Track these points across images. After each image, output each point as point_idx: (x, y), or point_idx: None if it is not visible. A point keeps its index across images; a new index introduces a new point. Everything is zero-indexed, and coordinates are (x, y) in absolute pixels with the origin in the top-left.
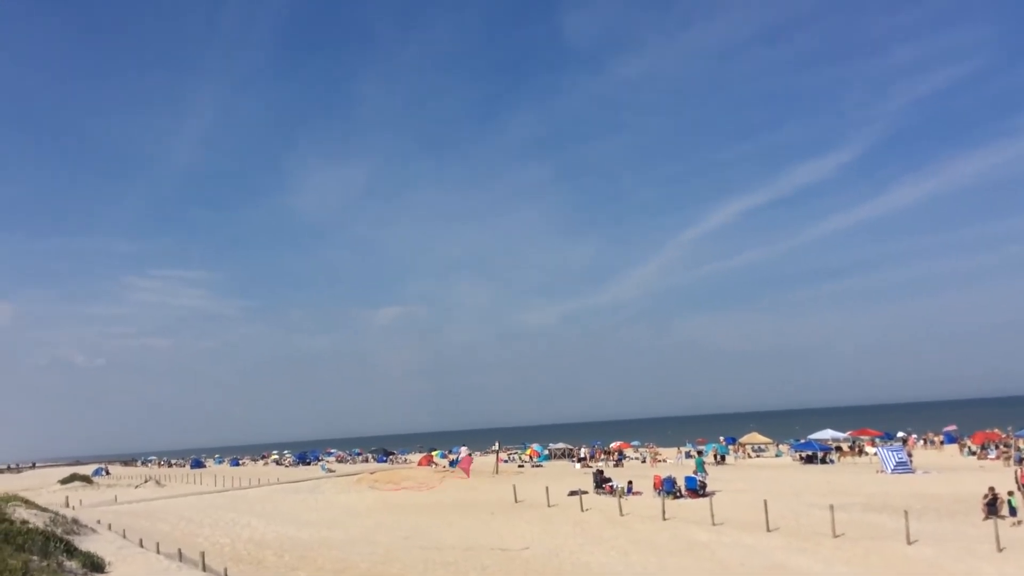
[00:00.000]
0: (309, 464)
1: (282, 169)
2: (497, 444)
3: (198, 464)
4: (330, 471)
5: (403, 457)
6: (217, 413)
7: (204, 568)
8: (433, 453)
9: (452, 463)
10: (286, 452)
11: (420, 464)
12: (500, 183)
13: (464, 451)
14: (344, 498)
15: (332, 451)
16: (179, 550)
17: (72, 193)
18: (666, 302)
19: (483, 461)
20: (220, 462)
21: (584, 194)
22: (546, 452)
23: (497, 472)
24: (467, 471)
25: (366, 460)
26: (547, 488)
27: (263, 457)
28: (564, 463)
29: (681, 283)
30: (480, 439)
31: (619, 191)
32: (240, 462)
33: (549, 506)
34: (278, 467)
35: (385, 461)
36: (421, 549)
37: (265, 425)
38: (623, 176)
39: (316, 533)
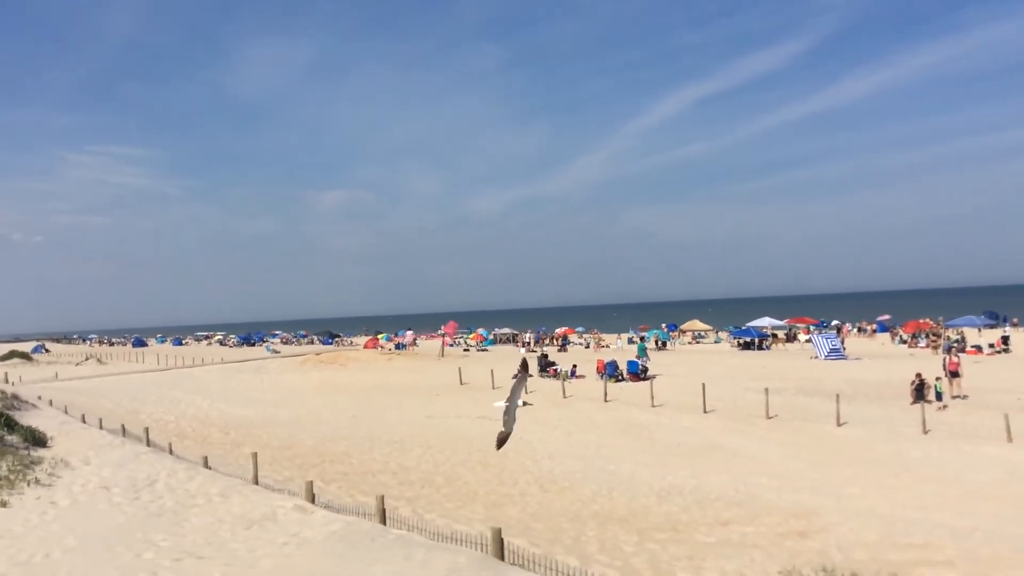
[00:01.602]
0: (254, 345)
1: (223, 45)
2: (443, 328)
3: (140, 343)
4: (275, 352)
5: (349, 340)
6: (159, 293)
7: (148, 444)
8: (379, 336)
9: (398, 346)
10: (230, 334)
11: (366, 347)
12: (451, 66)
13: (410, 334)
14: (290, 378)
15: (277, 333)
16: (122, 426)
17: (1, 63)
18: (615, 192)
19: (429, 344)
20: (163, 341)
21: (536, 80)
22: (491, 337)
23: (443, 355)
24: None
25: (311, 342)
26: (492, 371)
27: (207, 338)
28: (509, 348)
29: (630, 173)
30: (427, 323)
31: (571, 78)
32: (183, 342)
33: (494, 388)
34: (222, 348)
35: (331, 343)
36: (367, 428)
37: (208, 306)
38: (575, 63)
39: (262, 412)
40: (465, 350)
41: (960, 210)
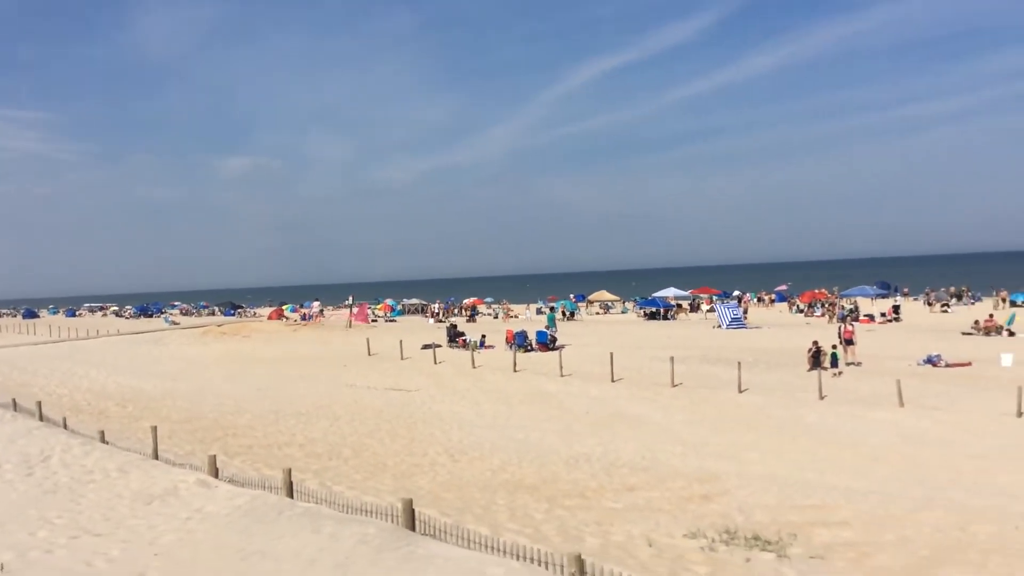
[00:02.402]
0: (151, 317)
1: (124, 3)
2: (351, 298)
3: (31, 314)
4: (174, 324)
5: (252, 311)
6: (53, 263)
7: (41, 418)
8: (284, 307)
9: (304, 317)
10: (126, 305)
11: (270, 318)
12: (362, 31)
13: (316, 305)
14: (190, 350)
15: (176, 304)
16: (13, 400)
17: None
18: (528, 162)
19: (337, 315)
20: (55, 312)
21: (449, 48)
22: (400, 307)
23: (350, 326)
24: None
25: (212, 313)
26: (400, 341)
27: (102, 309)
28: (418, 318)
29: (543, 143)
30: (334, 294)
31: (484, 46)
32: (77, 313)
33: (402, 359)
34: (118, 319)
35: (233, 315)
36: (272, 400)
37: (104, 276)
38: (489, 31)
39: (161, 384)
40: (373, 321)
41: (856, 184)
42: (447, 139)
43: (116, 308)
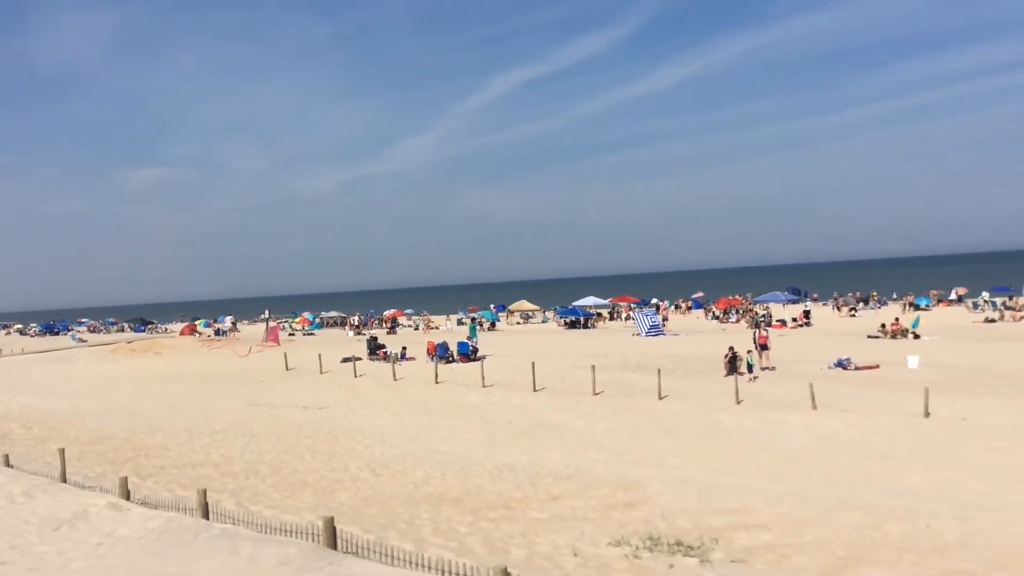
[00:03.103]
0: (57, 334)
1: (22, 8)
2: (267, 312)
3: None
4: (82, 341)
5: (163, 327)
6: None
7: None
8: (196, 322)
9: (217, 332)
10: (31, 322)
11: (182, 334)
12: (275, 40)
13: (229, 321)
14: (99, 368)
15: (84, 321)
16: None
17: None
18: (446, 172)
19: (252, 330)
20: None
21: (365, 56)
22: (318, 320)
23: (265, 341)
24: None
25: (122, 330)
26: (320, 355)
27: (4, 327)
28: (337, 331)
29: (463, 153)
30: (250, 308)
31: (401, 55)
32: None
33: (322, 373)
34: (23, 337)
35: (143, 331)
36: (186, 418)
37: (7, 293)
38: (406, 40)
39: (69, 404)
40: (291, 335)
41: (769, 192)
42: (366, 149)
43: (20, 326)
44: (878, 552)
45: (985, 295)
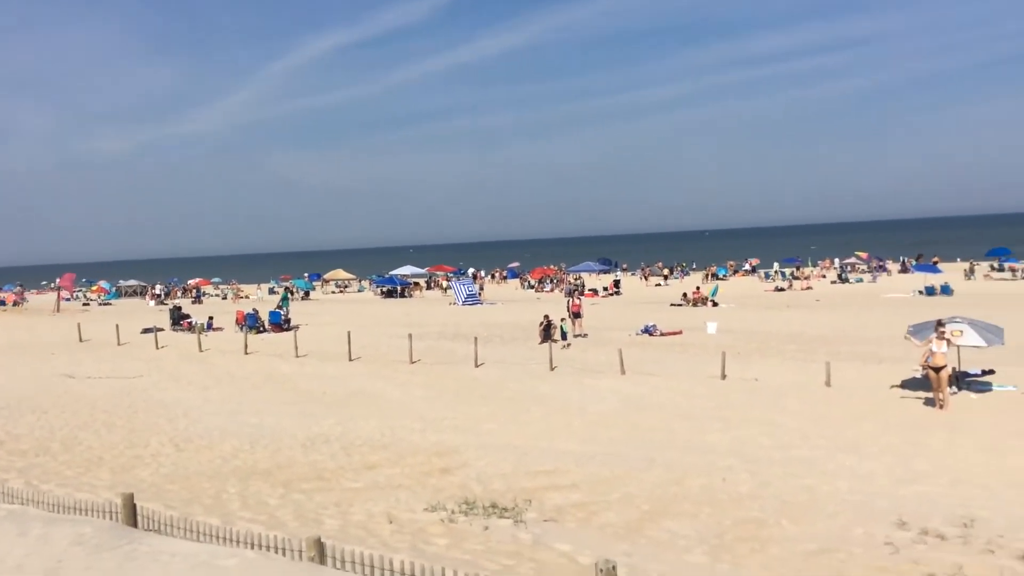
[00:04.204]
0: None
1: None
2: (57, 281)
3: None
4: None
5: None
6: None
7: None
8: None
9: (2, 302)
10: None
11: None
12: None
13: (18, 289)
14: None
15: None
16: None
17: None
18: (255, 136)
19: (41, 299)
20: None
21: (166, 10)
22: (116, 290)
23: (58, 311)
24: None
25: None
26: (117, 326)
27: None
28: (137, 301)
29: (275, 116)
30: (39, 275)
31: (207, 10)
32: None
33: (119, 344)
34: None
35: None
36: None
37: None
38: None
39: None
40: (85, 304)
41: (583, 165)
42: (170, 108)
43: None
44: (679, 505)
45: (776, 266)
